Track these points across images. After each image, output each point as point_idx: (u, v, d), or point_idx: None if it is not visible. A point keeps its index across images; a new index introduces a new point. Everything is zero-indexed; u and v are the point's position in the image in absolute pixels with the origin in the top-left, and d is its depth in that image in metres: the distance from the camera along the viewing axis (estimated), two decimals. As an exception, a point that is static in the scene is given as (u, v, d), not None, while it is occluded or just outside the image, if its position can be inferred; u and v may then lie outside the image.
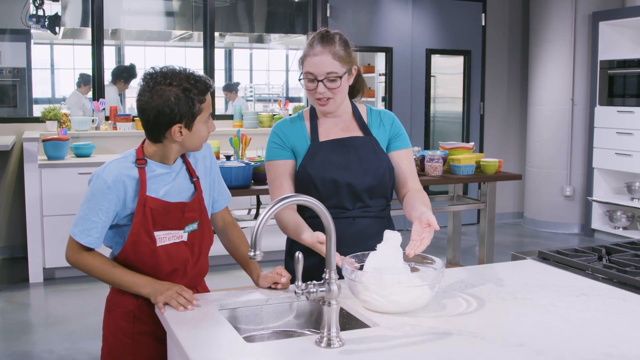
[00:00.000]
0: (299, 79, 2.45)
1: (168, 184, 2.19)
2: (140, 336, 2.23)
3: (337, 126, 2.51)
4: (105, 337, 2.34)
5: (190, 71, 2.13)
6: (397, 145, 2.52)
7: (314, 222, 2.39)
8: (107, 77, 7.15)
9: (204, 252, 2.29)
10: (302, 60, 2.42)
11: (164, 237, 2.17)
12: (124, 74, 7.57)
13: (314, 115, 2.54)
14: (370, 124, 2.52)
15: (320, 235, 2.24)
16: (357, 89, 2.59)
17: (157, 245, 2.16)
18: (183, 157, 2.26)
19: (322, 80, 2.36)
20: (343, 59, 2.38)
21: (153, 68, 2.14)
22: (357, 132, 2.50)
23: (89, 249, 2.17)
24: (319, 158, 2.45)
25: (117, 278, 2.14)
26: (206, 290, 2.41)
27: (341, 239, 2.19)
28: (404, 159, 2.51)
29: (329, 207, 2.43)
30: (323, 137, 2.50)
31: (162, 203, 2.15)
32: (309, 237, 2.27)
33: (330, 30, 2.43)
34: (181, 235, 2.21)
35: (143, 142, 2.21)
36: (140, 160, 2.15)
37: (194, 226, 2.24)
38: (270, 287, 2.20)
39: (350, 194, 2.42)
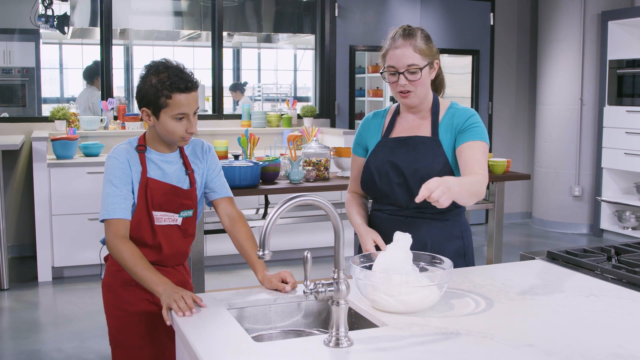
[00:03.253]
0: (381, 72, 2.49)
1: (164, 172, 2.39)
2: (141, 303, 2.38)
3: (411, 122, 2.55)
4: (108, 312, 2.46)
5: (180, 69, 2.31)
6: (460, 140, 2.44)
7: (380, 216, 2.53)
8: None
9: (192, 236, 2.51)
10: (384, 55, 2.46)
11: (161, 218, 2.38)
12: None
13: (396, 111, 2.60)
14: (441, 123, 2.50)
15: (368, 243, 2.40)
16: (438, 85, 2.62)
17: (155, 224, 2.36)
18: (181, 151, 2.46)
19: (402, 73, 2.40)
20: (424, 51, 2.42)
21: (157, 60, 2.37)
22: (425, 132, 2.51)
23: (126, 237, 2.29)
24: (380, 155, 2.52)
25: (139, 269, 2.22)
26: (187, 268, 2.58)
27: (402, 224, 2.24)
28: (462, 153, 2.41)
29: (385, 203, 2.52)
30: (396, 133, 2.56)
31: (160, 184, 2.36)
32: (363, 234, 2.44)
33: (412, 25, 2.47)
34: (176, 219, 2.41)
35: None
36: (141, 147, 2.39)
37: (189, 213, 2.44)
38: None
39: (404, 193, 2.45)
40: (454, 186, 2.05)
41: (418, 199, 2.00)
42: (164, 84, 2.26)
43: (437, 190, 1.99)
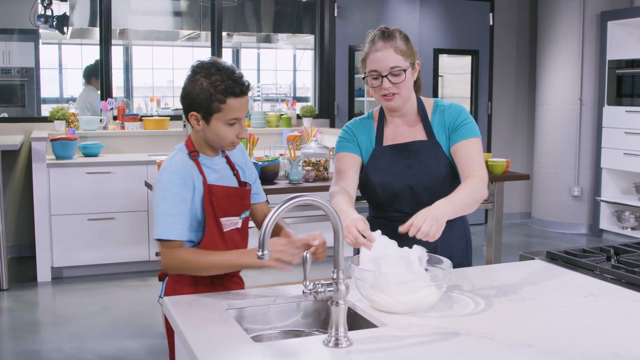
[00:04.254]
0: (363, 78, 2.45)
1: (219, 175, 2.29)
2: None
3: (402, 127, 2.50)
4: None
5: (232, 71, 2.19)
6: (454, 139, 2.43)
7: (383, 224, 2.40)
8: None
9: (247, 236, 2.39)
10: (364, 59, 2.42)
11: (226, 224, 2.26)
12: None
13: (382, 116, 2.55)
14: (433, 122, 2.48)
15: (358, 223, 2.10)
16: (417, 85, 2.57)
17: (224, 231, 2.25)
18: (223, 152, 2.35)
19: (386, 76, 2.36)
20: (405, 52, 2.38)
21: (205, 60, 2.23)
22: (420, 135, 2.47)
23: (180, 247, 2.18)
24: (380, 164, 2.47)
25: (211, 259, 2.16)
26: (240, 277, 2.46)
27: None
28: (458, 153, 2.41)
29: (391, 211, 2.47)
30: (388, 140, 2.50)
31: (222, 188, 2.25)
32: (345, 220, 2.15)
33: (390, 27, 2.43)
34: (237, 222, 2.31)
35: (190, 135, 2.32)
36: (193, 152, 2.26)
37: (247, 214, 2.35)
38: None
39: (410, 200, 2.42)
40: (443, 214, 2.09)
41: (402, 230, 2.02)
42: (216, 88, 2.14)
43: (424, 225, 2.02)
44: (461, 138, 2.41)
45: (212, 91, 2.14)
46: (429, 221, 2.03)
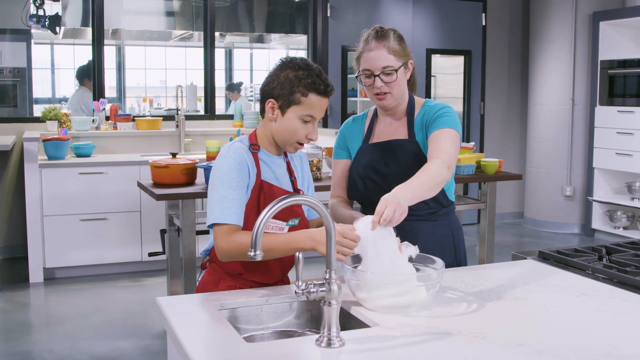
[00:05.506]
0: (356, 77, 2.49)
1: (275, 175, 2.28)
2: None
3: (390, 125, 2.55)
4: None
5: (320, 71, 2.22)
6: (429, 131, 2.43)
7: None
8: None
9: None
10: (358, 58, 2.46)
11: (269, 225, 2.22)
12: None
13: (375, 115, 2.60)
14: (415, 121, 2.50)
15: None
16: (412, 84, 2.58)
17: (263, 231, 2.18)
18: (285, 155, 2.36)
19: (378, 75, 2.40)
20: (398, 52, 2.41)
21: (296, 57, 2.26)
22: (402, 134, 2.51)
23: (236, 230, 2.15)
24: (363, 161, 2.52)
25: (279, 243, 2.11)
26: (288, 282, 2.44)
27: None
28: (429, 142, 2.40)
29: (374, 210, 2.46)
30: (374, 138, 2.56)
31: (275, 188, 2.24)
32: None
33: (384, 27, 2.46)
34: (283, 227, 2.26)
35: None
36: (254, 146, 2.27)
37: (296, 222, 2.30)
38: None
39: None
40: (403, 198, 2.06)
41: (372, 228, 2.01)
42: (301, 81, 2.17)
43: (386, 210, 2.00)
44: (434, 129, 2.41)
45: (296, 82, 2.17)
46: (391, 206, 2.00)
